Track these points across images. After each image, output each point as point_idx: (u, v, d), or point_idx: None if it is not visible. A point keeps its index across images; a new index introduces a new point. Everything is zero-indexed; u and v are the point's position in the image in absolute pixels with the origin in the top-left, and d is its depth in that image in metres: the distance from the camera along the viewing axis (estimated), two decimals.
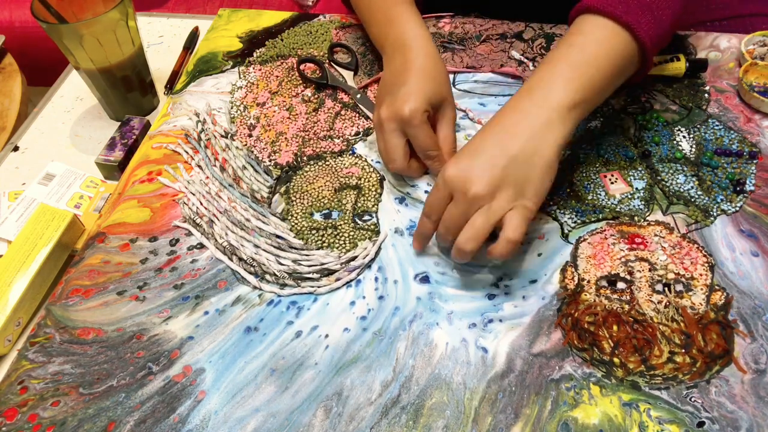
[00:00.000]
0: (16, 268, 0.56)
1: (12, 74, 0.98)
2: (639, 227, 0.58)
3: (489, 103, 0.71)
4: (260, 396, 0.50)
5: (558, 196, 0.62)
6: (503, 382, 0.49)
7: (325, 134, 0.69)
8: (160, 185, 0.65)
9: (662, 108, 0.69)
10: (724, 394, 0.48)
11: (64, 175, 0.67)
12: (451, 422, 0.47)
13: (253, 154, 0.67)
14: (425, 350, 0.52)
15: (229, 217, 0.61)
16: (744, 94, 0.69)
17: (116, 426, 0.48)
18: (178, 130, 0.71)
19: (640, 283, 0.54)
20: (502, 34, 0.79)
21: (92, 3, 0.70)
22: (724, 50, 0.75)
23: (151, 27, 0.88)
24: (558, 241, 0.58)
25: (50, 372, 0.51)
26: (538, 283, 0.55)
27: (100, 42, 0.66)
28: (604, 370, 0.50)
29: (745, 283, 0.54)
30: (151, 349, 0.53)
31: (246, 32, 0.83)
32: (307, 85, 0.74)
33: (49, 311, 0.55)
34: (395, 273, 0.57)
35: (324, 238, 0.59)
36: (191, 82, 0.77)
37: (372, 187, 0.63)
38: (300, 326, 0.54)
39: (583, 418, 0.47)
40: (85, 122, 0.76)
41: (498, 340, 0.52)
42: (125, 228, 0.61)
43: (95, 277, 0.58)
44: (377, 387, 0.50)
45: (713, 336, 0.51)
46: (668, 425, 0.47)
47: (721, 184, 0.61)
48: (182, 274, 0.58)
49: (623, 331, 0.51)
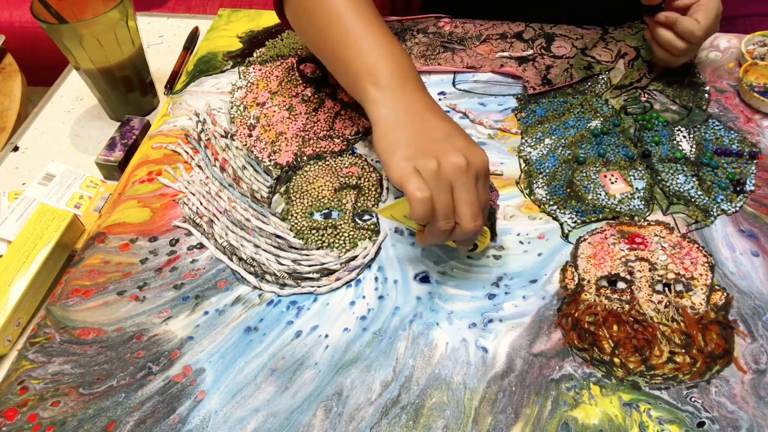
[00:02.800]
0: (16, 268, 0.56)
1: (12, 74, 0.98)
2: (639, 227, 0.58)
3: (489, 103, 0.71)
4: (260, 396, 0.50)
5: (558, 196, 0.62)
6: (503, 382, 0.49)
7: (325, 134, 0.69)
8: (160, 185, 0.65)
9: (662, 108, 0.69)
10: (724, 394, 0.48)
11: (64, 175, 0.67)
12: (451, 422, 0.47)
13: (253, 154, 0.67)
14: (425, 350, 0.52)
15: (229, 217, 0.61)
16: (744, 94, 0.69)
17: (116, 426, 0.48)
18: (178, 130, 0.71)
19: (641, 283, 0.54)
20: (502, 34, 0.79)
21: (92, 3, 0.70)
22: (724, 50, 0.76)
23: (151, 27, 0.88)
24: (558, 240, 0.58)
25: (50, 372, 0.51)
26: (538, 283, 0.55)
27: (100, 42, 0.66)
28: (604, 370, 0.50)
29: (745, 283, 0.54)
30: (151, 349, 0.53)
31: (246, 32, 0.83)
32: (307, 85, 0.74)
33: (49, 311, 0.55)
34: (395, 273, 0.57)
35: (324, 238, 0.59)
36: (191, 82, 0.77)
37: (372, 187, 0.63)
38: (300, 326, 0.54)
39: (583, 418, 0.47)
40: (85, 122, 0.76)
41: (498, 340, 0.52)
42: (125, 228, 0.61)
43: (95, 277, 0.58)
44: (377, 387, 0.50)
45: (713, 336, 0.51)
46: (668, 425, 0.47)
47: (721, 184, 0.61)
48: (182, 274, 0.58)
49: (623, 331, 0.51)
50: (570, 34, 0.78)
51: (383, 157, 0.51)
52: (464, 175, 0.48)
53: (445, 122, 0.52)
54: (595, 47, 0.76)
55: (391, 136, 0.51)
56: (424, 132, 0.51)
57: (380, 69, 0.54)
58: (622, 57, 0.74)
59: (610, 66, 0.74)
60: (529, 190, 0.63)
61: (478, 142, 0.67)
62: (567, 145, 0.66)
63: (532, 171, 0.64)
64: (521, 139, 0.67)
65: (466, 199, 0.48)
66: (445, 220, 0.48)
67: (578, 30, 0.79)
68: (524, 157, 0.66)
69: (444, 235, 0.50)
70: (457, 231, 0.49)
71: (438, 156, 0.48)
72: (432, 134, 0.51)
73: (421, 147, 0.49)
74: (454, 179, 0.48)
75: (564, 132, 0.67)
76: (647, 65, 0.73)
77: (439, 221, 0.48)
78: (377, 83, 0.54)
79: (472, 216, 0.49)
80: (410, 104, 0.53)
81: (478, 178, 0.49)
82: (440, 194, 0.48)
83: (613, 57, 0.75)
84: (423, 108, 0.53)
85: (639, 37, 0.77)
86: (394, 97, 0.53)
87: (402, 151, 0.49)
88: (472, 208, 0.49)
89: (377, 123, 0.53)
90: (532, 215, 0.61)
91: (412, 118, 0.52)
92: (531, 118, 0.69)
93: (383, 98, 0.53)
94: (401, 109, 0.53)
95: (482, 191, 0.50)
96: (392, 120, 0.52)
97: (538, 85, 0.73)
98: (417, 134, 0.51)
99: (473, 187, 0.49)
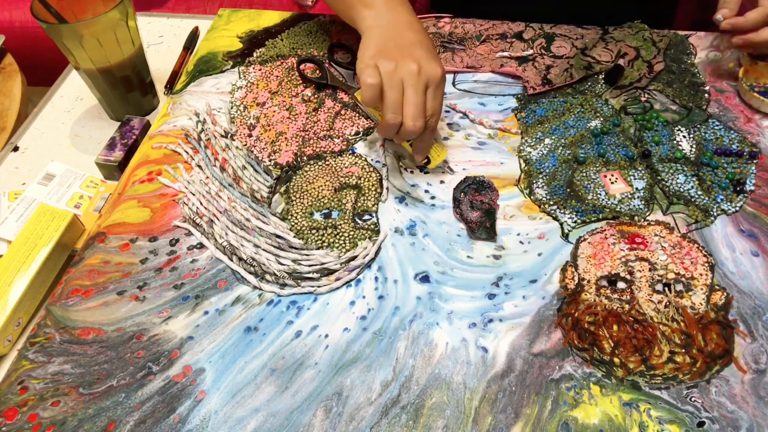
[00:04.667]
0: (16, 268, 0.56)
1: (12, 74, 0.97)
2: (639, 227, 0.58)
3: (489, 103, 0.71)
4: (260, 396, 0.50)
5: (558, 196, 0.62)
6: (503, 381, 0.49)
7: (325, 134, 0.69)
8: (160, 185, 0.65)
9: (662, 108, 0.69)
10: (724, 394, 0.48)
11: (64, 175, 0.67)
12: (451, 422, 0.47)
13: (253, 154, 0.67)
14: (425, 350, 0.52)
15: (229, 216, 0.61)
16: (744, 94, 0.69)
17: (116, 426, 0.48)
18: (178, 130, 0.71)
19: (641, 282, 0.54)
20: (502, 34, 0.79)
21: (92, 3, 0.70)
22: (724, 50, 0.76)
23: (151, 27, 0.88)
24: (558, 240, 0.58)
25: (50, 372, 0.51)
26: (538, 282, 0.55)
27: (100, 42, 0.66)
28: (604, 370, 0.50)
29: (745, 283, 0.54)
30: (151, 349, 0.53)
31: (246, 32, 0.83)
32: (307, 85, 0.74)
33: (49, 311, 0.55)
34: (395, 272, 0.57)
35: (324, 238, 0.59)
36: (191, 82, 0.77)
37: (372, 187, 0.63)
38: (300, 326, 0.54)
39: (583, 418, 0.47)
40: (85, 122, 0.76)
41: (498, 339, 0.52)
42: (125, 228, 0.61)
43: (95, 277, 0.58)
44: (377, 387, 0.50)
45: (713, 336, 0.51)
46: (668, 425, 0.47)
47: (721, 184, 0.61)
48: (182, 274, 0.58)
49: (623, 330, 0.51)
50: (570, 34, 0.78)
51: (357, 57, 0.60)
52: (414, 78, 0.56)
53: (416, 34, 0.61)
54: (595, 47, 0.76)
55: (367, 44, 0.60)
56: (393, 40, 0.60)
57: None
58: (622, 57, 0.74)
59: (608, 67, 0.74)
60: (529, 190, 0.63)
61: (478, 142, 0.68)
62: (567, 145, 0.66)
63: (532, 171, 0.64)
64: (521, 139, 0.67)
65: (411, 100, 0.56)
66: (393, 114, 0.57)
67: (578, 30, 0.79)
68: (524, 157, 0.66)
69: (392, 129, 0.58)
70: (401, 130, 0.58)
71: (396, 59, 0.57)
72: (399, 42, 0.60)
73: (385, 51, 0.58)
74: (405, 81, 0.57)
75: (564, 132, 0.67)
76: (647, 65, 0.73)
77: (387, 113, 0.57)
78: (367, 3, 0.63)
79: (413, 115, 0.56)
80: (391, 19, 0.62)
81: (428, 86, 0.58)
82: (391, 90, 0.57)
83: (613, 57, 0.75)
84: (402, 22, 0.62)
85: (639, 37, 0.77)
86: (378, 14, 0.63)
87: (369, 51, 0.59)
88: (415, 109, 0.56)
89: (363, 35, 0.62)
90: (532, 215, 0.61)
91: (390, 30, 0.61)
92: (531, 118, 0.69)
93: (370, 15, 0.63)
94: (383, 23, 0.62)
95: (431, 99, 0.58)
96: (374, 32, 0.61)
97: (538, 85, 0.73)
98: (386, 41, 0.60)
99: (420, 92, 0.57)
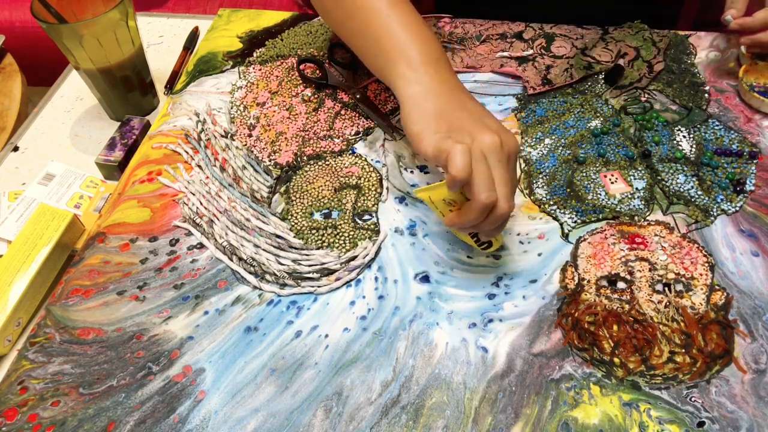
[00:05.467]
0: (16, 268, 0.56)
1: (12, 74, 0.97)
2: (639, 227, 0.58)
3: (489, 103, 0.71)
4: (260, 396, 0.50)
5: (558, 196, 0.62)
6: (503, 382, 0.49)
7: (325, 134, 0.69)
8: (160, 185, 0.65)
9: (662, 108, 0.69)
10: (724, 394, 0.48)
11: (64, 175, 0.67)
12: (451, 422, 0.47)
13: (252, 154, 0.67)
14: (425, 350, 0.52)
15: (229, 216, 0.61)
16: (744, 94, 0.69)
17: (116, 426, 0.48)
18: (178, 130, 0.71)
19: (640, 282, 0.54)
20: (502, 34, 0.79)
21: (92, 3, 0.70)
22: (724, 50, 0.75)
23: (151, 27, 0.88)
24: (558, 240, 0.58)
25: (50, 372, 0.51)
26: (538, 282, 0.55)
27: (100, 42, 0.66)
28: (604, 370, 0.50)
29: (745, 283, 0.54)
30: (151, 349, 0.53)
31: (246, 32, 0.83)
32: (307, 85, 0.74)
33: (49, 311, 0.55)
34: (395, 272, 0.57)
35: (324, 238, 0.59)
36: (191, 82, 0.77)
37: (372, 187, 0.63)
38: (300, 326, 0.54)
39: (583, 418, 0.47)
40: (85, 122, 0.76)
41: (498, 339, 0.52)
42: (125, 228, 0.61)
43: (95, 277, 0.58)
44: (377, 387, 0.50)
45: (713, 336, 0.51)
46: (668, 425, 0.47)
47: (721, 184, 0.61)
48: (182, 274, 0.58)
49: (623, 331, 0.51)
50: (570, 34, 0.78)
51: (415, 130, 0.50)
52: (498, 152, 0.48)
53: (476, 103, 0.53)
54: (595, 47, 0.76)
55: (423, 110, 0.51)
56: (457, 110, 0.51)
57: (412, 47, 0.54)
58: (622, 57, 0.74)
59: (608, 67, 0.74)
60: (529, 190, 0.63)
61: None
62: (567, 145, 0.66)
63: (532, 171, 0.64)
64: (521, 139, 0.67)
65: (503, 178, 0.47)
66: (488, 192, 0.46)
67: (578, 30, 0.79)
68: (524, 157, 0.66)
69: (483, 213, 0.48)
70: (492, 213, 0.48)
71: (472, 133, 0.48)
72: (465, 112, 0.51)
73: (455, 123, 0.49)
74: (489, 156, 0.47)
75: (564, 132, 0.67)
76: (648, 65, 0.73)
77: (481, 193, 0.46)
78: (409, 62, 0.54)
79: (506, 195, 0.47)
80: (442, 83, 0.53)
81: (509, 160, 0.49)
82: (479, 165, 0.47)
83: (613, 57, 0.75)
84: (455, 87, 0.53)
85: (639, 37, 0.77)
86: (426, 75, 0.53)
87: (435, 125, 0.49)
88: (507, 188, 0.48)
89: (407, 100, 0.53)
90: (532, 215, 0.61)
91: (445, 96, 0.52)
92: (531, 118, 0.69)
93: (415, 76, 0.53)
94: (434, 87, 0.52)
95: (513, 174, 0.50)
96: (424, 96, 0.52)
97: (538, 85, 0.73)
98: (450, 111, 0.50)
99: (507, 167, 0.48)
